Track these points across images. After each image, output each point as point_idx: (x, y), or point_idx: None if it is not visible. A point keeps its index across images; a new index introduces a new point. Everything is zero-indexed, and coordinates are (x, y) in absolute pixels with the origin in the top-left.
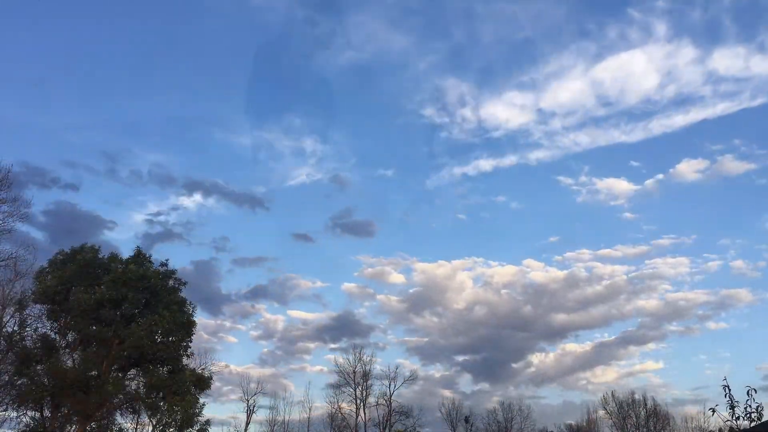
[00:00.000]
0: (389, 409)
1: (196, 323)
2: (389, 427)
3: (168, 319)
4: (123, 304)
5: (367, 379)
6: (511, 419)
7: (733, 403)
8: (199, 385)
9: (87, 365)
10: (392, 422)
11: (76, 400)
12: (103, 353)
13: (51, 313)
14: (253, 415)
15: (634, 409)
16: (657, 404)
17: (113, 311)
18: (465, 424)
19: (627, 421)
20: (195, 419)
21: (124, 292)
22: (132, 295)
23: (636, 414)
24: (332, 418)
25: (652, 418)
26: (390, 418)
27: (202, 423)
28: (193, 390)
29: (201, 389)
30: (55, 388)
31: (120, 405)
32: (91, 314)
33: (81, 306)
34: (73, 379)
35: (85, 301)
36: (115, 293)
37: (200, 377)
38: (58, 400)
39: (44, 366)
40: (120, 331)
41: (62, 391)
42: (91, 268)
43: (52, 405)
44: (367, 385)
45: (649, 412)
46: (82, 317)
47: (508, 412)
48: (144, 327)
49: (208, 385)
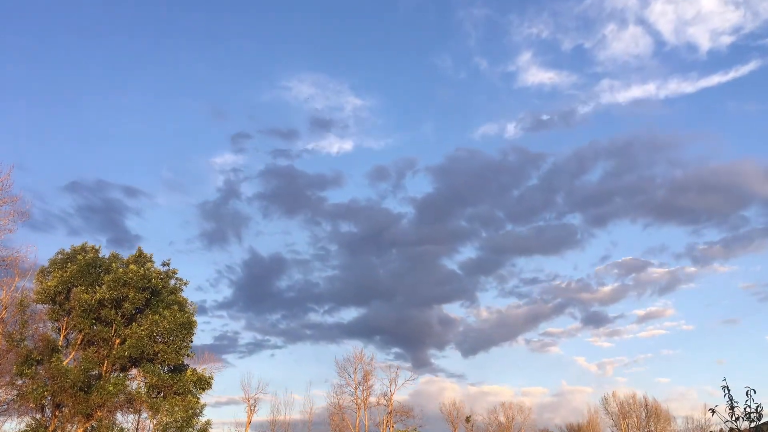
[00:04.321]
0: (390, 409)
1: (196, 323)
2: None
3: (169, 319)
4: (124, 304)
5: (367, 379)
6: (512, 419)
7: (733, 403)
8: (199, 384)
9: (88, 365)
10: (392, 422)
11: (77, 399)
12: (104, 353)
13: (52, 313)
14: (253, 415)
15: (634, 409)
16: (658, 404)
17: (114, 311)
18: (465, 424)
19: (627, 421)
20: (195, 419)
21: (125, 292)
22: (133, 295)
23: (636, 414)
24: (332, 419)
25: (652, 418)
26: (390, 418)
27: (202, 423)
28: (194, 390)
29: (202, 389)
30: (56, 388)
31: (121, 405)
32: (92, 314)
33: (82, 306)
34: (74, 379)
35: (86, 301)
36: (116, 293)
37: (201, 377)
38: (59, 400)
39: (45, 366)
40: (121, 331)
41: (63, 391)
42: (92, 267)
43: (53, 405)
44: (368, 385)
45: (650, 412)
46: (83, 317)
47: (509, 412)
48: (145, 327)
49: (209, 385)
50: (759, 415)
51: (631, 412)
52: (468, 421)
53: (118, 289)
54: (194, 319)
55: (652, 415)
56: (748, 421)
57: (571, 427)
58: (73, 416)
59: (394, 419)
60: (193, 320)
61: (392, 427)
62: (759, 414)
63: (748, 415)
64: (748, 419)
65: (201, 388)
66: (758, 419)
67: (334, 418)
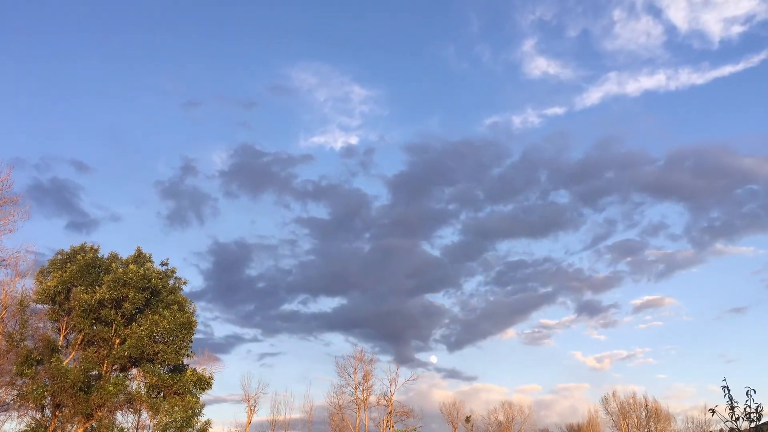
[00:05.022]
0: (390, 409)
1: (196, 322)
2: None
3: (169, 318)
4: (124, 304)
5: (367, 379)
6: (512, 419)
7: (733, 403)
8: (199, 384)
9: (88, 365)
10: (392, 423)
11: (77, 400)
12: (104, 353)
13: (52, 313)
14: (254, 415)
15: (634, 409)
16: (658, 404)
17: (114, 311)
18: (465, 424)
19: (627, 421)
20: (195, 419)
21: (125, 292)
22: (133, 295)
23: (636, 414)
24: (332, 419)
25: (652, 418)
26: (390, 418)
27: (202, 423)
28: (194, 390)
29: (202, 389)
30: (56, 388)
31: (121, 405)
32: (92, 314)
33: (82, 306)
34: (74, 379)
35: (86, 301)
36: (116, 293)
37: (201, 377)
38: (59, 400)
39: (45, 366)
40: (121, 331)
41: (63, 391)
42: (92, 267)
43: (53, 405)
44: (368, 385)
45: (650, 412)
46: (83, 317)
47: (509, 412)
48: (145, 327)
49: (209, 385)
50: (759, 415)
51: (631, 412)
52: (468, 421)
53: (118, 289)
54: (194, 319)
55: (652, 415)
56: (748, 421)
57: (571, 427)
58: (73, 416)
59: (394, 419)
60: (193, 320)
61: (392, 427)
62: (759, 414)
63: (748, 415)
64: (748, 419)
65: (201, 388)
66: (758, 419)
67: (334, 418)
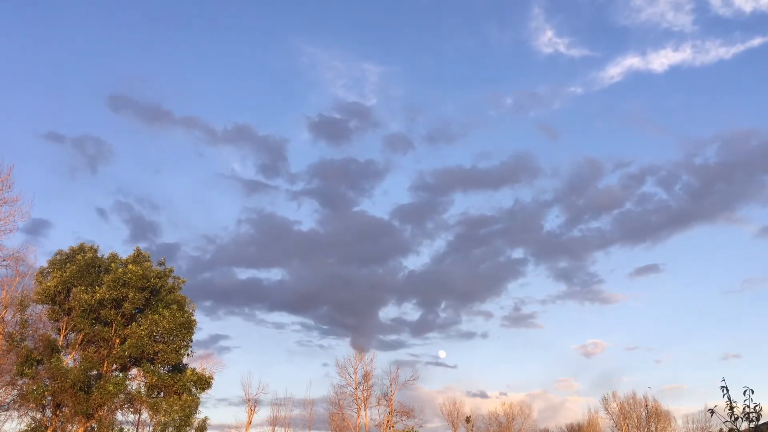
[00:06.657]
0: (390, 409)
1: (196, 322)
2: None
3: (168, 318)
4: (123, 303)
5: (367, 379)
6: (512, 419)
7: (732, 403)
8: (199, 384)
9: (88, 365)
10: (392, 422)
11: (77, 399)
12: (104, 353)
13: (52, 313)
14: (254, 415)
15: (634, 409)
16: (658, 404)
17: (114, 311)
18: (466, 425)
19: (628, 422)
20: (193, 418)
21: (125, 292)
22: (132, 295)
23: (637, 414)
24: (332, 418)
25: (653, 418)
26: (390, 418)
27: (200, 420)
28: (194, 389)
29: (202, 389)
30: (56, 388)
31: (121, 405)
32: (91, 314)
33: (82, 306)
34: (74, 379)
35: (86, 301)
36: (116, 293)
37: (201, 377)
38: (59, 400)
39: (45, 366)
40: (121, 331)
41: (63, 391)
42: (92, 267)
43: (54, 405)
44: (368, 385)
45: (650, 412)
46: (83, 317)
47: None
48: (145, 327)
49: (209, 385)
50: (758, 415)
51: (632, 412)
52: (468, 421)
53: (118, 289)
54: (194, 318)
55: (652, 415)
56: (747, 422)
57: (572, 427)
58: (74, 416)
59: (394, 419)
60: (193, 319)
61: (392, 427)
62: (758, 414)
63: (747, 416)
64: (747, 419)
65: (201, 387)
66: (757, 419)
67: (334, 418)
